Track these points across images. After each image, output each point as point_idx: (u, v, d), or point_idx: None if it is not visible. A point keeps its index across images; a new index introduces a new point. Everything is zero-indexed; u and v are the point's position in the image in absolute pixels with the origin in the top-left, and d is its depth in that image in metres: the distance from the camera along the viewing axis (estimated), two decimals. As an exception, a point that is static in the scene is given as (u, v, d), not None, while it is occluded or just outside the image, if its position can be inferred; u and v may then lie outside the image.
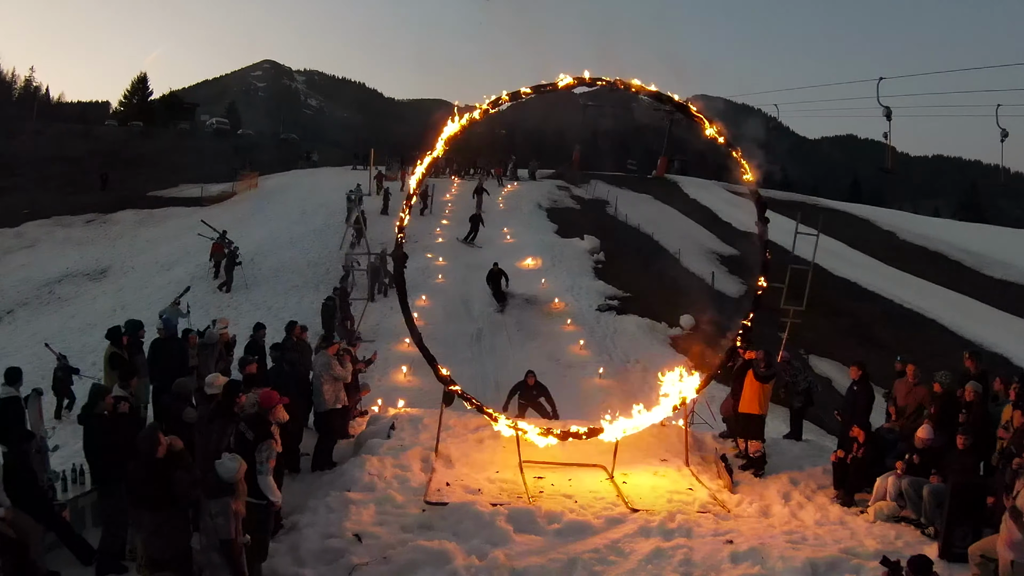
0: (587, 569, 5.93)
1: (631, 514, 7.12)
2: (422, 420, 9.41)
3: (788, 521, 7.29)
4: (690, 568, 5.93)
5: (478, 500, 7.13)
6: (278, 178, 47.99)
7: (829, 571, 5.99)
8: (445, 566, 5.74)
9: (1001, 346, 21.53)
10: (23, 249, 34.68)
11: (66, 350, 19.84)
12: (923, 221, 47.54)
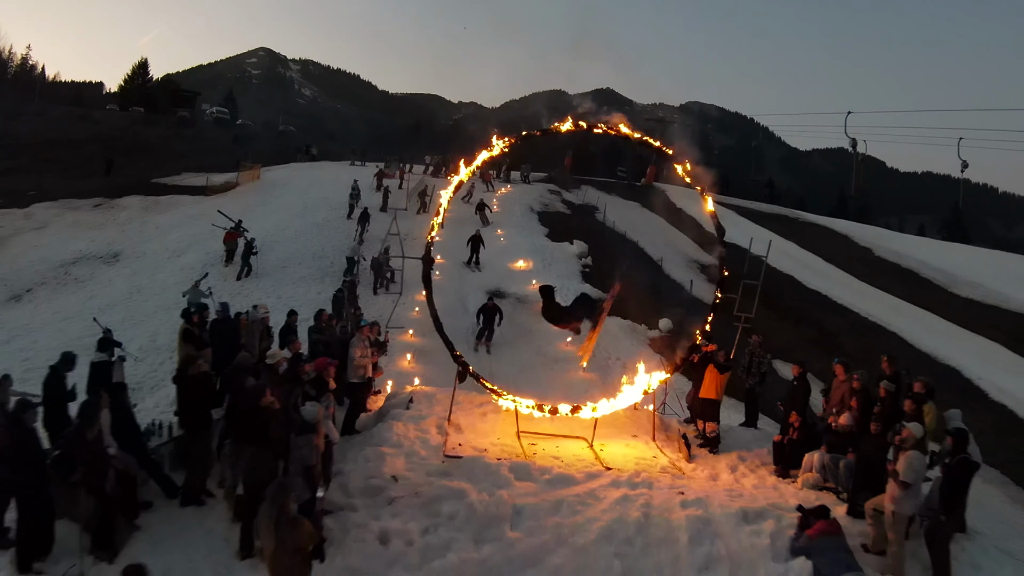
0: (571, 508, 7.76)
1: (605, 471, 8.94)
2: (435, 396, 11.16)
3: (731, 485, 9.11)
4: (649, 509, 7.74)
5: (485, 455, 8.94)
6: (279, 171, 49.13)
7: (757, 518, 7.81)
8: (463, 500, 7.55)
9: (953, 359, 23.42)
10: (34, 230, 35.36)
11: (87, 327, 21.55)
12: (900, 239, 49.34)
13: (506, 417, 10.42)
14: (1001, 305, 31.72)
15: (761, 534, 7.46)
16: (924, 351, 24.05)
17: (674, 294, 27.02)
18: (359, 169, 52.20)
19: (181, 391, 8.32)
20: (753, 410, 12.41)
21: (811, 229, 47.68)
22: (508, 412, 10.43)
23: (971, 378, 22.01)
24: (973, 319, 29.73)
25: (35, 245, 32.65)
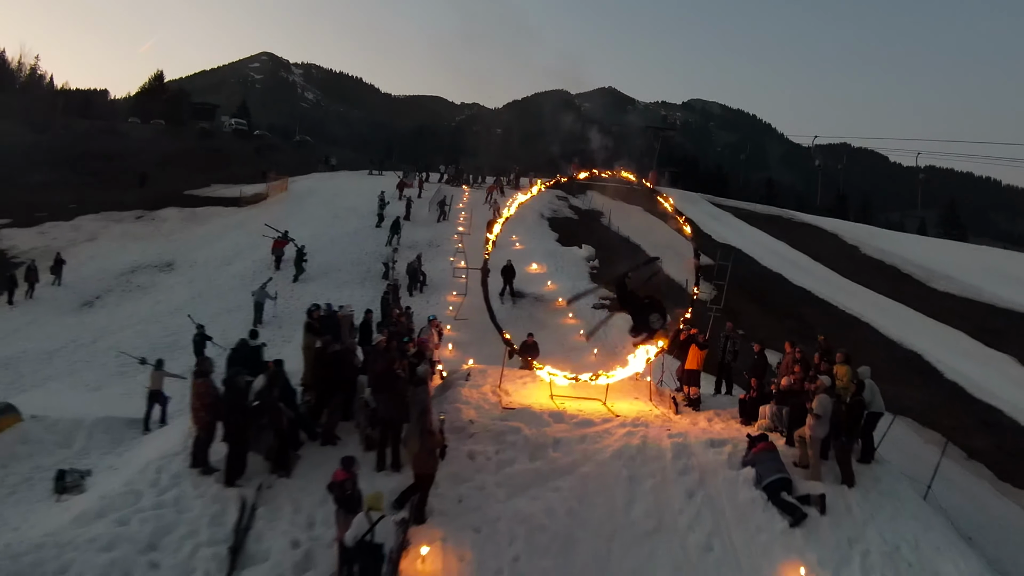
0: (592, 439, 11.54)
1: (615, 418, 12.63)
2: (485, 372, 14.72)
3: (706, 427, 12.74)
4: (645, 439, 11.48)
5: (531, 407, 12.62)
6: (303, 181, 52.46)
7: (720, 444, 11.60)
8: (520, 433, 11.36)
9: (917, 345, 26.97)
10: (85, 242, 38.76)
11: (164, 328, 25.15)
12: (887, 236, 52.66)
13: (541, 385, 14.02)
14: (974, 298, 35.10)
15: (722, 453, 11.16)
16: (891, 338, 27.65)
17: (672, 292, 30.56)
18: (377, 179, 55.69)
19: (321, 365, 11.92)
20: (728, 379, 15.97)
21: (802, 229, 51.19)
22: (542, 381, 14.03)
23: (930, 361, 25.57)
24: (944, 310, 33.15)
25: (91, 256, 35.94)
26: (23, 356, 22.86)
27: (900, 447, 14.61)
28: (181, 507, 9.74)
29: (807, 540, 9.76)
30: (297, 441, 11.08)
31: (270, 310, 24.78)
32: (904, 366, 25.17)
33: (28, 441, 13.60)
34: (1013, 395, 22.96)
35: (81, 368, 21.84)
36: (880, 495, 10.98)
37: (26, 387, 19.77)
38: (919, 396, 22.13)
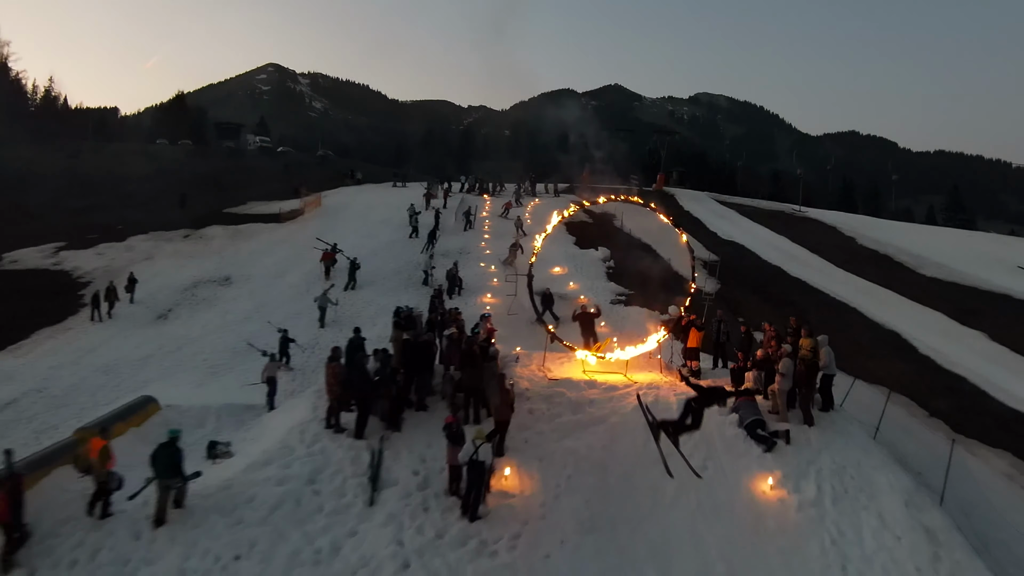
0: (617, 399, 15.66)
1: (633, 384, 16.65)
2: (530, 355, 18.71)
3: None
4: (658, 398, 15.46)
5: (570, 379, 16.65)
6: (333, 196, 56.46)
7: (725, 409, 15.45)
8: (564, 396, 15.46)
9: (896, 325, 30.71)
10: (143, 261, 41.44)
11: (238, 335, 29.05)
12: (884, 227, 56.35)
13: (575, 365, 18.07)
14: (959, 281, 38.77)
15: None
16: (875, 320, 31.49)
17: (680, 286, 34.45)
18: (401, 190, 59.80)
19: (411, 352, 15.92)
20: (722, 355, 19.87)
21: (804, 223, 55.08)
22: (576, 361, 18.08)
23: (907, 339, 29.35)
24: (929, 294, 36.79)
25: (154, 274, 38.66)
26: (119, 363, 26.53)
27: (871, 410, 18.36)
28: (327, 454, 13.84)
29: (775, 461, 13.79)
30: (402, 407, 15.11)
31: (331, 314, 28.89)
32: (884, 344, 29.03)
33: (169, 424, 17.61)
34: (978, 365, 26.72)
35: (175, 370, 25.56)
36: (834, 433, 14.97)
37: (131, 389, 23.48)
38: (894, 368, 25.99)
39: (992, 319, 32.43)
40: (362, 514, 12.41)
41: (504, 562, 11.47)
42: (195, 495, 12.62)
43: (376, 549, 11.53)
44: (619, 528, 12.44)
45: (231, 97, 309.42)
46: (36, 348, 29.10)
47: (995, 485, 18.23)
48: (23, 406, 22.62)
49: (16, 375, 25.44)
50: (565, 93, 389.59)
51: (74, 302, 35.29)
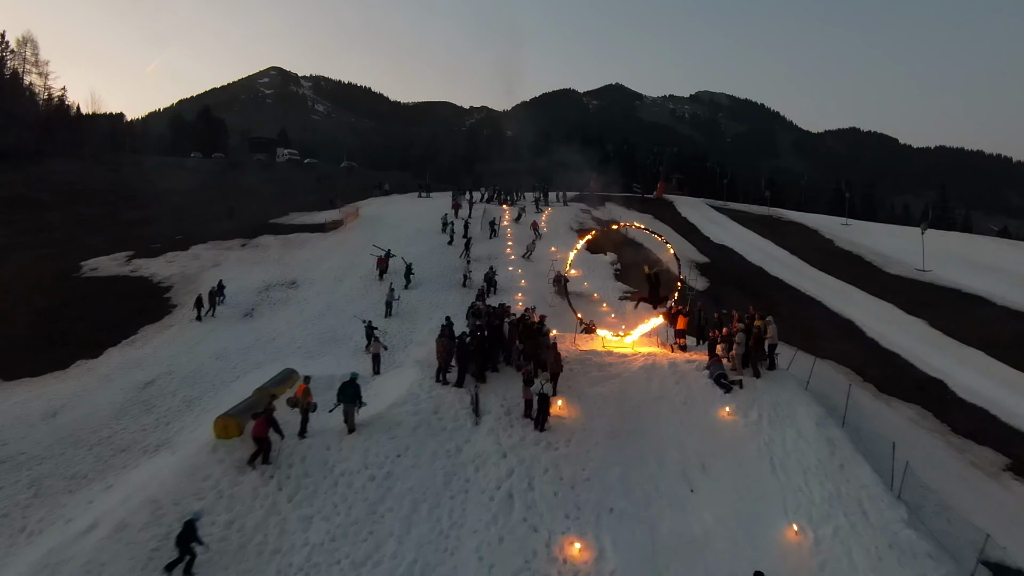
0: (627, 363, 23.49)
1: (640, 354, 24.49)
2: (563, 336, 26.40)
3: (688, 358, 24.54)
4: (655, 362, 23.33)
5: (595, 349, 24.48)
6: (367, 207, 63.69)
7: (694, 362, 23.27)
8: (591, 360, 23.29)
9: (851, 315, 38.39)
10: (212, 267, 46.72)
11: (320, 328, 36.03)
12: (861, 229, 63.99)
13: (596, 341, 25.99)
14: (917, 278, 46.42)
15: (693, 365, 23.03)
16: (835, 311, 39.20)
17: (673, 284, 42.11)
18: (426, 200, 67.40)
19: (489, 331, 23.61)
20: (702, 335, 27.49)
21: (788, 227, 62.95)
22: (597, 338, 25.96)
23: (859, 326, 36.99)
24: (888, 289, 44.25)
25: (227, 279, 43.44)
26: (227, 352, 33.12)
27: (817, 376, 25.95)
28: (441, 397, 21.66)
29: (732, 398, 21.65)
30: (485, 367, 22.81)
31: (394, 307, 36.40)
32: (840, 330, 36.73)
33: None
34: (911, 345, 34.27)
35: (277, 356, 31.97)
36: (774, 383, 22.78)
37: (244, 370, 30.28)
38: (844, 348, 33.65)
39: (935, 309, 39.81)
40: (471, 430, 20.21)
41: (562, 454, 19.21)
42: (361, 422, 20.39)
43: (485, 448, 19.31)
44: (630, 436, 20.22)
45: (234, 100, 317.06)
46: (149, 342, 35.26)
47: (900, 424, 25.88)
48: (162, 384, 29.13)
49: (143, 362, 32.05)
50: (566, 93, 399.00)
51: (164, 303, 41.40)
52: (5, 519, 19.19)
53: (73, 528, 17.54)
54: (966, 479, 22.04)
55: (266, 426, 18.39)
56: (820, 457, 19.31)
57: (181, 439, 23.20)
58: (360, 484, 17.85)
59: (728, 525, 16.98)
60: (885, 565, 15.53)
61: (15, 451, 23.54)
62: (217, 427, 19.55)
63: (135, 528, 16.28)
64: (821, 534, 16.52)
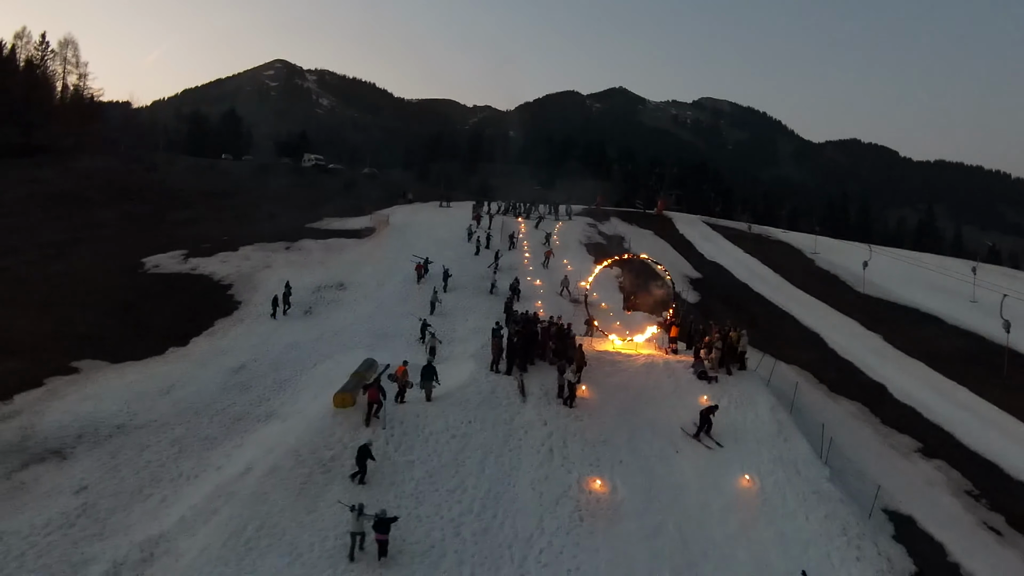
0: (631, 362, 31.72)
1: (642, 355, 32.69)
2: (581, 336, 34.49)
3: (679, 359, 32.71)
4: (653, 361, 31.58)
5: (607, 350, 32.63)
6: (393, 215, 70.19)
7: (683, 363, 31.49)
8: (605, 359, 31.67)
9: (816, 328, 46.46)
10: (264, 268, 52.05)
11: (376, 325, 42.74)
12: (841, 248, 71.97)
13: (607, 343, 34.13)
14: (882, 296, 54.13)
15: (683, 365, 31.24)
16: (804, 324, 47.23)
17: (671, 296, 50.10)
18: (447, 210, 75.06)
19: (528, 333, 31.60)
20: (690, 342, 35.45)
21: (774, 245, 71.21)
22: (608, 341, 34.18)
23: (823, 338, 44.93)
24: (854, 307, 51.97)
25: (281, 279, 47.44)
26: (298, 343, 39.17)
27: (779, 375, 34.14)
28: (496, 382, 29.84)
29: (710, 389, 29.94)
30: (527, 361, 30.80)
31: (437, 308, 43.91)
32: (805, 340, 44.77)
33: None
34: (864, 355, 42.07)
35: (343, 348, 37.78)
36: (742, 380, 31.03)
37: (318, 359, 36.98)
38: (807, 355, 41.69)
39: (891, 325, 47.69)
40: (520, 406, 28.32)
41: (586, 424, 27.29)
42: (437, 396, 28.41)
43: (530, 418, 27.40)
44: (635, 412, 28.39)
45: (239, 92, 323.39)
46: (227, 333, 40.89)
47: (842, 416, 33.84)
48: (252, 369, 35.27)
49: (228, 351, 37.90)
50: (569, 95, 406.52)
51: (230, 300, 46.88)
52: (163, 468, 25.96)
53: (228, 472, 25.05)
54: (883, 456, 30.01)
55: (377, 392, 26.33)
56: (770, 432, 27.48)
57: (284, 411, 30.66)
58: (445, 440, 25.82)
59: (701, 474, 25.13)
60: (808, 504, 23.51)
61: (148, 419, 29.74)
62: (336, 400, 27.31)
63: (284, 470, 23.81)
64: (766, 483, 24.60)
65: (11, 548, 20.99)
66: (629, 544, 21.46)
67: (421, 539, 20.79)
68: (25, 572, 20.14)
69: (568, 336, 31.62)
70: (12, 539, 21.32)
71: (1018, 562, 22.87)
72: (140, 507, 23.51)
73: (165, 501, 23.85)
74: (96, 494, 24.13)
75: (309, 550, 20.17)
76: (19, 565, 20.43)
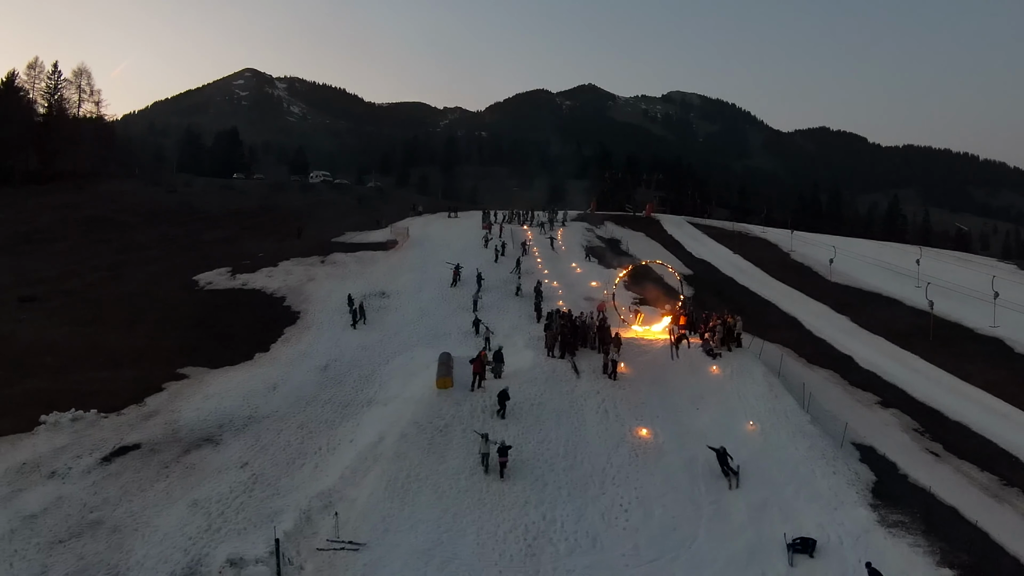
0: (653, 345, 41.35)
1: (660, 339, 42.53)
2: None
3: (692, 342, 42.33)
4: (671, 344, 41.06)
5: (633, 336, 42.53)
6: (410, 228, 77.84)
7: (692, 344, 41.12)
8: (632, 343, 41.46)
9: (795, 312, 56.38)
10: (308, 282, 57.44)
11: (425, 327, 51.43)
12: (812, 242, 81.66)
13: (630, 332, 43.77)
14: (850, 284, 63.33)
15: (693, 346, 40.90)
16: (784, 311, 57.04)
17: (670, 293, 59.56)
18: (455, 220, 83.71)
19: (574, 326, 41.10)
20: (694, 328, 45.05)
21: (754, 241, 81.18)
22: (631, 330, 43.93)
23: (801, 321, 54.61)
24: (825, 294, 61.47)
25: (328, 291, 55.06)
26: (365, 345, 45.47)
27: (767, 351, 43.93)
28: (554, 364, 39.38)
29: (716, 362, 39.83)
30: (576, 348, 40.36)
31: (479, 304, 52.84)
32: (786, 324, 54.54)
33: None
34: (834, 334, 51.74)
35: (406, 345, 45.12)
36: (739, 355, 41.06)
37: (388, 356, 44.69)
38: (788, 335, 51.49)
39: (858, 309, 57.05)
40: (576, 381, 37.82)
41: (628, 392, 36.84)
42: (509, 375, 37.80)
43: (586, 389, 36.99)
44: (659, 382, 38.21)
45: (210, 103, 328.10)
46: (300, 340, 46.72)
47: (818, 380, 43.44)
48: (336, 367, 41.99)
49: (309, 353, 43.97)
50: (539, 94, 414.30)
51: (288, 310, 52.50)
52: (302, 444, 32.81)
53: (362, 442, 32.92)
54: (850, 407, 39.57)
55: (481, 366, 36.40)
56: (763, 392, 37.12)
57: (381, 397, 38.77)
58: (527, 408, 35.26)
59: (716, 423, 34.83)
60: (796, 440, 33.11)
61: (270, 411, 36.14)
62: (439, 383, 36.64)
63: (411, 436, 32.65)
64: (765, 426, 34.30)
65: (211, 509, 27.31)
66: (672, 471, 31.09)
67: (527, 474, 30.16)
68: (232, 524, 26.42)
69: (606, 327, 41.09)
70: (208, 504, 27.66)
71: (950, 472, 32.25)
72: (299, 473, 30.46)
73: (318, 468, 30.93)
74: (258, 467, 30.80)
75: (448, 488, 29.05)
76: (224, 520, 26.65)
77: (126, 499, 28.50)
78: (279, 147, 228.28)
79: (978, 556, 25.06)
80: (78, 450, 32.14)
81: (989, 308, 50.66)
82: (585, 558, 25.44)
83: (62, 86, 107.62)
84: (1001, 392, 39.64)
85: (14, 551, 25.43)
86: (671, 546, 26.25)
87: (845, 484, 29.73)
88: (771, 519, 27.58)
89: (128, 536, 26.21)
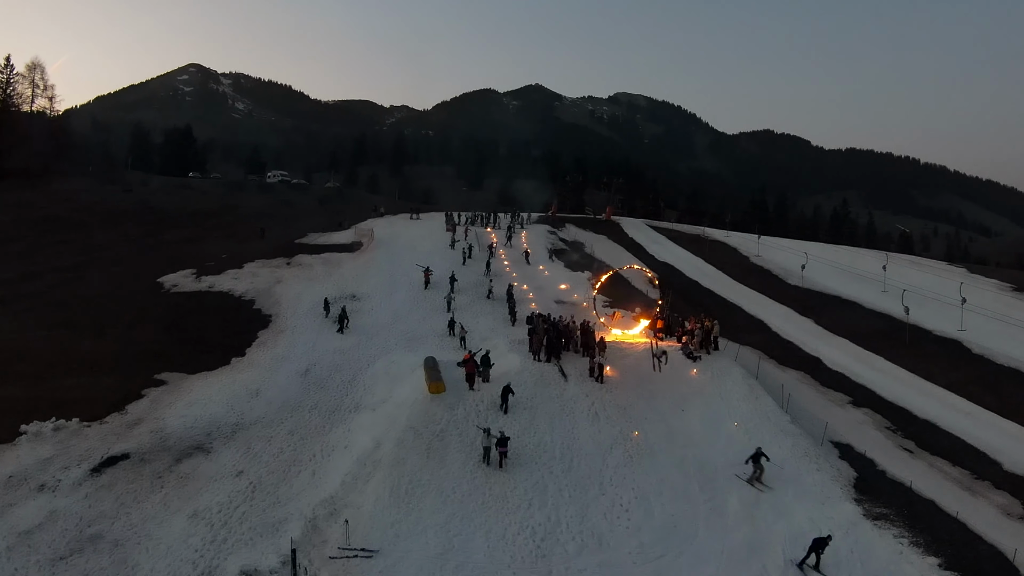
0: (633, 348, 42.63)
1: (641, 343, 43.78)
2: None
3: (670, 344, 43.63)
4: (649, 347, 42.36)
5: (615, 340, 43.65)
6: (372, 229, 76.93)
7: (671, 348, 42.43)
8: (615, 347, 42.54)
9: (760, 315, 58.28)
10: (276, 284, 56.26)
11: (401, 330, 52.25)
12: (770, 245, 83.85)
13: (611, 335, 44.91)
14: (810, 287, 65.61)
15: (672, 350, 42.25)
16: (750, 313, 58.97)
17: (638, 296, 60.96)
18: (418, 222, 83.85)
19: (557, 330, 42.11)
20: (670, 332, 46.50)
21: (714, 245, 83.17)
22: (612, 334, 45.01)
23: (767, 323, 56.61)
24: (787, 296, 63.72)
25: (297, 293, 54.37)
26: (342, 349, 44.97)
27: (740, 354, 45.45)
28: (541, 367, 40.29)
29: (696, 365, 41.28)
30: (560, 352, 41.35)
31: (452, 305, 53.62)
32: (753, 326, 56.43)
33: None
34: (801, 335, 53.74)
35: (384, 349, 45.16)
36: (718, 357, 42.74)
37: (368, 360, 44.30)
38: (757, 337, 53.26)
39: (819, 312, 59.34)
40: (564, 384, 38.79)
41: (615, 395, 38.03)
42: (497, 378, 38.55)
43: (574, 393, 38.03)
44: (644, 385, 39.46)
45: (153, 98, 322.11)
46: (276, 343, 45.90)
47: (791, 381, 45.12)
48: (317, 371, 41.47)
49: (287, 357, 43.32)
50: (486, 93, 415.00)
51: (258, 314, 51.39)
52: (296, 451, 32.78)
53: (359, 447, 32.86)
54: (824, 407, 41.41)
55: (474, 366, 37.47)
56: (744, 393, 38.68)
57: (368, 402, 38.55)
58: (521, 409, 36.18)
59: (702, 424, 36.30)
60: (778, 438, 34.67)
61: (256, 417, 35.80)
62: (431, 388, 37.09)
63: (409, 440, 32.95)
64: (749, 426, 35.81)
65: (212, 520, 27.40)
66: (665, 469, 32.42)
67: (525, 478, 31.06)
68: (237, 535, 26.54)
69: (590, 331, 42.13)
70: (209, 514, 27.73)
71: (925, 468, 34.25)
72: (297, 480, 30.55)
73: (315, 474, 30.99)
74: (255, 475, 30.72)
75: (452, 493, 29.63)
76: (229, 530, 26.82)
77: (123, 511, 28.41)
78: (225, 144, 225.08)
79: (959, 545, 27.12)
80: (65, 461, 31.74)
81: (946, 310, 53.19)
82: (594, 557, 26.53)
83: (15, 80, 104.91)
84: (962, 391, 42.11)
85: (14, 570, 25.31)
86: (674, 543, 27.53)
87: (830, 480, 31.64)
88: (764, 515, 29.16)
89: (131, 550, 26.22)
